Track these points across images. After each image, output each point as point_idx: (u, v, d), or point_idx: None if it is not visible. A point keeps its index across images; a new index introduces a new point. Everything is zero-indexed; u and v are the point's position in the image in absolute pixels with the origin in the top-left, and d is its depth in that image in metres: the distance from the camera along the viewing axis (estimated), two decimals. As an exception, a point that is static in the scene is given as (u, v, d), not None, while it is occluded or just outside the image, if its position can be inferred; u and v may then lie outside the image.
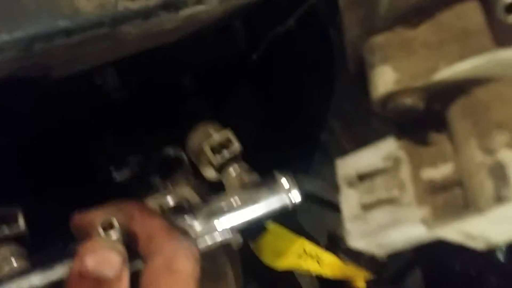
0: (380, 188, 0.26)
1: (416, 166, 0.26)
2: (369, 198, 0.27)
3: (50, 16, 0.40)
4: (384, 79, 0.24)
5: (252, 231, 0.66)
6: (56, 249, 0.46)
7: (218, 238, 0.48)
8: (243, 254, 0.62)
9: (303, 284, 0.81)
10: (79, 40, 0.44)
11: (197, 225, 0.48)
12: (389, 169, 0.26)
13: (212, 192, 0.54)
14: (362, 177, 0.28)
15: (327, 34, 0.67)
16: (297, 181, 0.53)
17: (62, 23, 0.41)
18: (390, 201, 0.26)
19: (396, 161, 0.27)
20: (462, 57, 0.22)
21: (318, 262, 0.64)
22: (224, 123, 0.59)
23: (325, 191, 0.83)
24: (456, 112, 0.24)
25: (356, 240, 0.27)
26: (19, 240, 0.48)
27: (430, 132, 0.26)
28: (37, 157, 0.55)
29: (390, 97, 0.24)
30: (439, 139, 0.26)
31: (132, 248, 0.39)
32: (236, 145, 0.55)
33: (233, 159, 0.55)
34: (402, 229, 0.25)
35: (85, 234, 0.40)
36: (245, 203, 0.50)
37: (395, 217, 0.26)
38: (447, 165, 0.25)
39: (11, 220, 0.47)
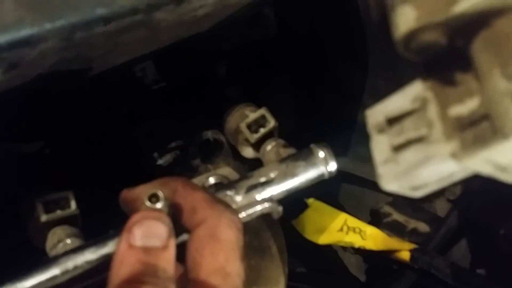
0: (409, 129, 0.27)
1: (443, 105, 0.27)
2: (399, 140, 0.27)
3: (89, 5, 0.43)
4: (405, 18, 0.25)
5: (294, 208, 0.67)
6: (108, 229, 0.48)
7: (259, 209, 0.49)
8: (285, 231, 0.63)
9: (346, 259, 0.82)
10: (117, 28, 0.46)
11: (238, 198, 0.50)
12: (417, 110, 0.27)
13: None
14: (391, 122, 0.29)
15: (358, 12, 0.67)
16: (335, 159, 0.54)
17: (100, 11, 0.44)
18: (419, 140, 0.27)
19: (424, 102, 0.27)
20: (479, -12, 0.23)
21: (360, 235, 0.64)
22: (261, 106, 0.60)
23: (364, 171, 0.83)
24: (478, 46, 0.25)
25: (389, 182, 0.28)
26: (72, 221, 0.51)
27: (456, 71, 0.27)
28: (84, 144, 0.58)
29: (412, 35, 0.25)
30: (464, 78, 0.27)
31: (177, 221, 0.41)
32: (271, 122, 0.57)
33: (269, 136, 0.57)
34: (432, 165, 0.26)
35: (133, 209, 0.42)
36: (283, 175, 0.51)
37: (425, 154, 0.26)
38: (473, 100, 0.26)
39: (64, 203, 0.50)
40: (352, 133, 0.78)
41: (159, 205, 0.39)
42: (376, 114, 0.29)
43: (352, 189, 0.82)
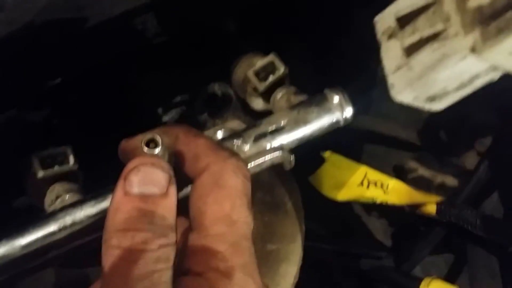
0: (423, 26, 0.23)
1: (462, -4, 0.23)
2: (412, 40, 0.24)
3: None
4: None
5: (310, 163, 0.63)
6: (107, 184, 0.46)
7: (269, 158, 0.46)
8: (304, 191, 0.60)
9: (370, 224, 0.78)
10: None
11: (246, 147, 0.46)
12: (432, 4, 0.23)
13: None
14: (403, 23, 0.25)
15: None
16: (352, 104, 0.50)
17: None
18: (435, 37, 0.23)
19: (439, -6, 0.23)
20: None
21: (382, 189, 0.60)
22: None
23: (387, 128, 0.79)
24: None
25: (402, 91, 0.24)
26: (72, 177, 0.48)
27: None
28: (85, 99, 0.55)
29: None
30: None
31: (180, 170, 0.38)
32: (281, 68, 0.53)
33: (279, 83, 0.53)
34: (450, 64, 0.22)
35: (132, 158, 0.39)
36: (294, 122, 0.48)
37: (442, 52, 0.22)
38: (496, -14, 0.22)
39: (62, 158, 0.48)
40: (373, 90, 0.73)
41: (157, 150, 0.36)
42: (385, 17, 0.26)
43: (375, 148, 0.79)
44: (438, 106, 0.25)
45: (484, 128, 0.67)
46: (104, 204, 0.43)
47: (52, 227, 0.42)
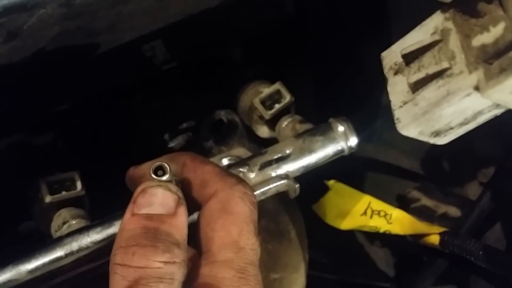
0: (429, 63, 0.24)
1: (466, 35, 0.24)
2: (417, 76, 0.24)
3: (88, -32, 0.41)
4: None
5: (314, 191, 0.64)
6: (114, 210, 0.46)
7: (274, 186, 0.46)
8: (307, 220, 0.60)
9: (373, 254, 0.78)
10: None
11: (251, 175, 0.47)
12: (438, 43, 0.24)
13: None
14: (409, 60, 0.25)
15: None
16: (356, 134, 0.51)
17: (102, -26, 0.42)
18: (440, 74, 0.24)
19: (444, 33, 0.24)
20: None
21: (386, 219, 0.60)
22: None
23: (390, 156, 0.80)
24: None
25: (408, 126, 0.25)
26: (78, 203, 0.49)
27: (477, 4, 0.24)
28: (93, 126, 0.56)
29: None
30: (488, 7, 0.24)
31: (188, 197, 0.38)
32: (287, 97, 0.54)
33: (285, 111, 0.54)
34: (455, 101, 0.23)
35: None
36: (299, 150, 0.48)
37: (446, 89, 0.23)
38: (498, 27, 0.22)
39: (70, 184, 0.48)
40: (377, 118, 0.74)
41: (165, 177, 0.36)
42: (392, 53, 0.26)
43: (378, 177, 0.79)
44: (443, 140, 0.26)
45: (487, 159, 0.67)
46: (110, 230, 0.43)
47: (58, 253, 0.43)
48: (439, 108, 0.24)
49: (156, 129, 0.58)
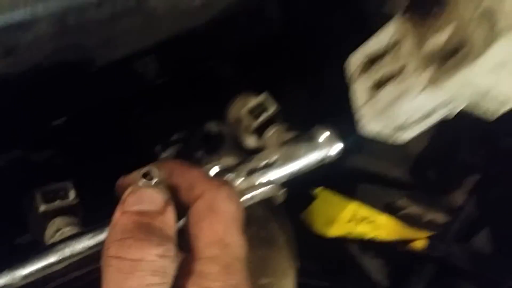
0: (388, 63, 0.26)
1: (421, 37, 0.26)
2: (378, 75, 0.26)
3: (81, -12, 0.43)
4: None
5: (303, 200, 0.65)
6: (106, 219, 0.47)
7: (260, 192, 0.48)
8: (294, 224, 0.61)
9: (365, 264, 0.79)
10: (110, 13, 0.46)
11: (238, 181, 0.48)
12: (395, 46, 0.26)
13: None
14: (371, 62, 0.27)
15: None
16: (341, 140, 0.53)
17: (92, -6, 0.44)
18: (397, 74, 0.26)
19: (401, 37, 0.26)
20: None
21: (372, 225, 0.62)
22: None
23: (379, 167, 0.81)
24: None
25: (371, 122, 0.27)
26: (72, 212, 0.50)
27: (432, 7, 0.26)
28: (86, 138, 0.58)
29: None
30: (440, 12, 0.26)
31: (176, 203, 0.40)
32: (272, 107, 0.56)
33: (271, 121, 0.56)
34: (410, 98, 0.25)
35: None
36: (284, 157, 0.50)
37: (403, 86, 0.25)
38: (447, 30, 0.25)
39: (63, 193, 0.50)
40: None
41: (153, 182, 0.38)
42: (356, 58, 0.28)
43: (367, 186, 0.81)
44: (405, 135, 0.27)
45: (471, 167, 0.69)
46: (101, 236, 0.45)
47: (51, 258, 0.44)
48: (397, 104, 0.26)
49: (149, 141, 0.60)
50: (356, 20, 0.63)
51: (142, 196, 0.36)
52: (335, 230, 0.62)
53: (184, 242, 0.38)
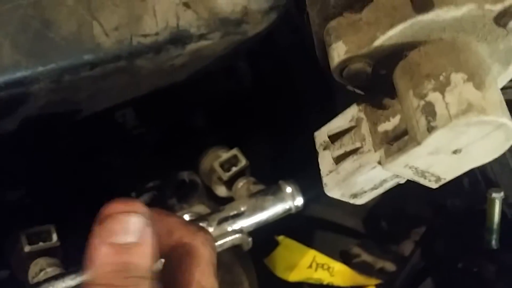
0: (347, 143, 0.32)
1: (374, 122, 0.32)
2: (339, 152, 0.32)
3: (76, 51, 0.48)
4: (338, 52, 0.30)
5: (266, 247, 0.70)
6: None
7: (230, 240, 0.53)
8: (257, 269, 0.66)
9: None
10: (102, 72, 0.51)
11: (210, 230, 0.53)
12: (353, 128, 0.33)
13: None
14: (333, 139, 0.34)
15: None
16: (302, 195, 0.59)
17: (87, 57, 0.49)
18: (355, 152, 0.32)
19: (358, 121, 0.33)
20: (392, 26, 0.29)
21: (329, 272, 0.67)
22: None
23: (336, 216, 0.88)
24: (397, 73, 0.31)
25: (332, 190, 0.33)
26: (53, 253, 0.54)
27: (383, 96, 0.33)
28: (64, 184, 0.62)
29: (343, 64, 0.30)
30: (391, 102, 0.32)
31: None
32: (243, 161, 0.61)
33: (241, 174, 0.61)
34: (365, 172, 0.31)
35: None
36: (252, 208, 0.56)
37: (359, 163, 0.31)
38: (396, 118, 0.31)
39: (46, 236, 0.54)
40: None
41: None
42: (321, 134, 0.35)
43: (324, 234, 0.86)
44: (360, 201, 0.33)
45: (418, 219, 0.76)
46: (84, 277, 0.49)
47: (35, 297, 0.48)
48: (354, 176, 0.31)
49: (124, 187, 0.64)
50: (320, 87, 0.70)
51: (121, 224, 0.36)
52: (296, 275, 0.67)
53: (164, 284, 0.42)
